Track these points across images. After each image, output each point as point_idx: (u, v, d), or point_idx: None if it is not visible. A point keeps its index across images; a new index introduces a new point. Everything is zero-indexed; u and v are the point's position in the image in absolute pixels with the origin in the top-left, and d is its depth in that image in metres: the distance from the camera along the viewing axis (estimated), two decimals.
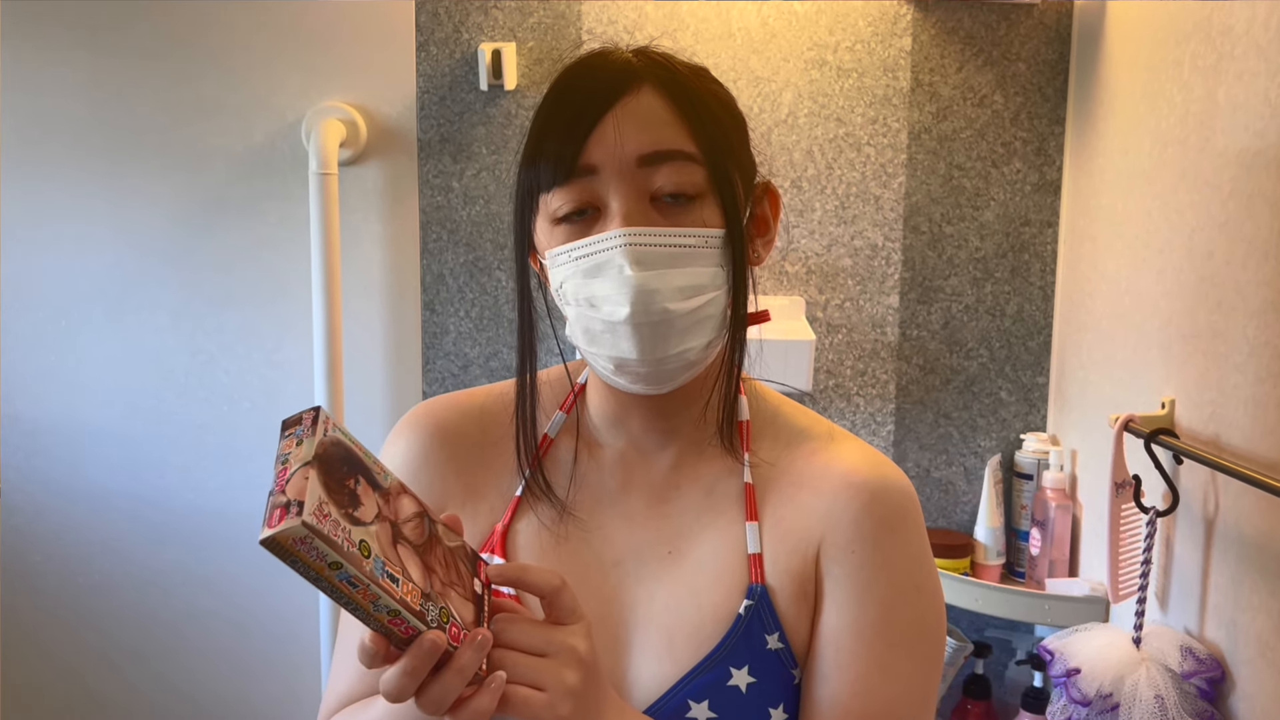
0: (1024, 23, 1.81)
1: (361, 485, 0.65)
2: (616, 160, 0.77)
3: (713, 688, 0.79)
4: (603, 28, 1.82)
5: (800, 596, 0.82)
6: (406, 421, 0.91)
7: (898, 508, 0.83)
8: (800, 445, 0.87)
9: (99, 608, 1.97)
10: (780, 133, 1.84)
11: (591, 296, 0.78)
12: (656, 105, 0.78)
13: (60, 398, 1.93)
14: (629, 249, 0.76)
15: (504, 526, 0.86)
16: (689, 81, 0.81)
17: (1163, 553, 1.40)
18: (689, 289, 0.77)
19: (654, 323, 0.76)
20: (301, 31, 1.84)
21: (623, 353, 0.78)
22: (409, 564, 0.65)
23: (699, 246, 0.78)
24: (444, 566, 0.69)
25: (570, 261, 0.78)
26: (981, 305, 1.88)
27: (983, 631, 1.86)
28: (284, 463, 0.63)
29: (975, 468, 1.90)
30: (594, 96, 0.78)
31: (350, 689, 0.87)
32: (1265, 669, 1.16)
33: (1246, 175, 1.21)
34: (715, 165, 0.79)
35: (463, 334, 1.92)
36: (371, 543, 0.63)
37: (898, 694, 0.80)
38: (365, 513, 0.64)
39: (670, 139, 0.78)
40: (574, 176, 0.77)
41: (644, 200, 0.77)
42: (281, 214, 1.88)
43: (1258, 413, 1.17)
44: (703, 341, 0.80)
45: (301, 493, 0.59)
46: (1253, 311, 1.18)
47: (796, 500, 0.84)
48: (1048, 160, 1.84)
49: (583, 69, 0.82)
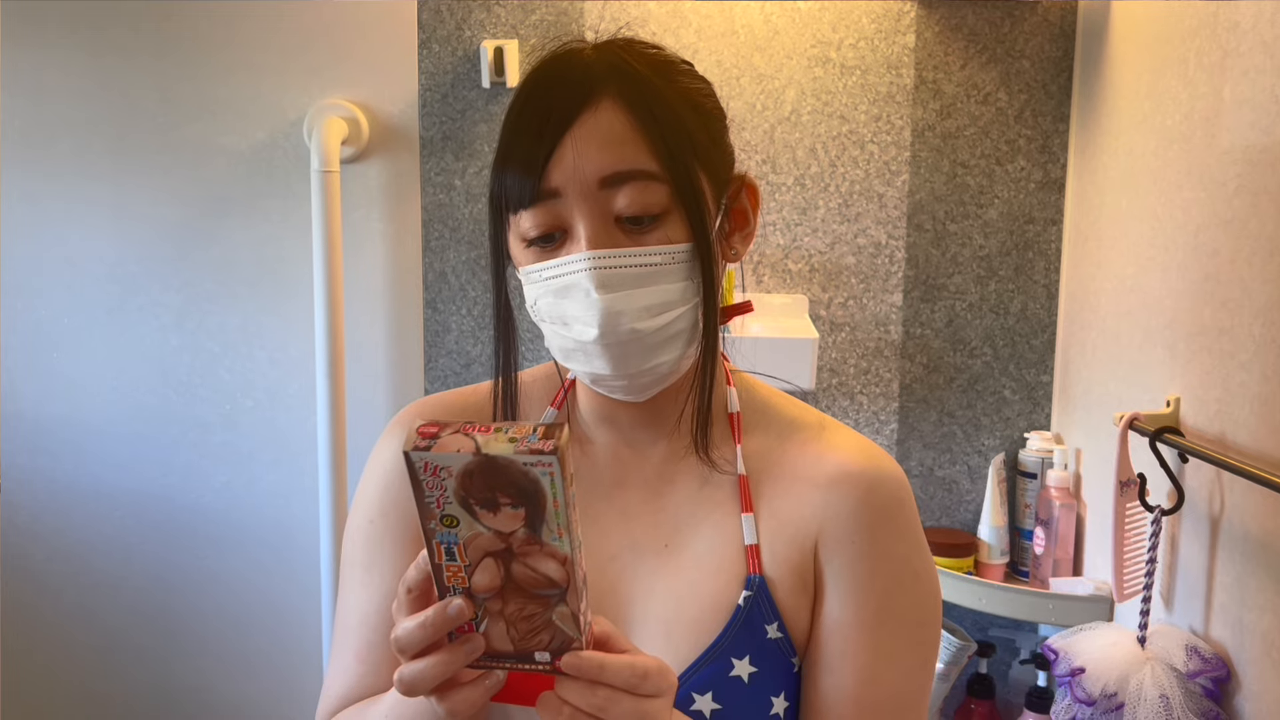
0: (1028, 20, 1.80)
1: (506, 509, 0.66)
2: (578, 183, 0.76)
3: (716, 679, 0.79)
4: (605, 25, 1.81)
5: (799, 587, 0.83)
6: (398, 423, 0.91)
7: (893, 498, 0.84)
8: (792, 436, 0.88)
9: (101, 606, 1.97)
10: (783, 130, 1.83)
11: (563, 315, 0.79)
12: (616, 121, 0.77)
13: (63, 396, 1.93)
14: (593, 273, 0.76)
15: None
16: (651, 86, 0.79)
17: (1168, 551, 1.40)
18: (656, 306, 0.78)
19: (623, 342, 0.77)
20: (304, 29, 1.84)
21: (596, 369, 0.79)
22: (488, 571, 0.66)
23: (665, 264, 0.78)
24: (518, 611, 0.67)
25: (541, 281, 0.79)
26: (985, 303, 1.87)
27: (986, 631, 1.86)
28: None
29: (979, 466, 1.90)
30: (552, 113, 0.77)
31: (348, 688, 0.87)
32: (1271, 668, 1.15)
33: (1252, 172, 1.20)
34: (678, 180, 0.78)
35: (464, 332, 1.91)
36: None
37: (901, 678, 0.82)
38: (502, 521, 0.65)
39: (630, 158, 0.77)
40: (538, 200, 0.77)
41: (608, 220, 0.77)
42: (283, 212, 1.88)
43: (1264, 411, 1.16)
44: (674, 355, 0.80)
45: (555, 435, 0.62)
46: (1259, 309, 1.18)
47: (792, 492, 0.85)
48: (1052, 158, 1.83)
49: (544, 78, 0.80)
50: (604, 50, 0.81)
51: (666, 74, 0.81)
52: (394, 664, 0.84)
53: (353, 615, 0.88)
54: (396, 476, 0.88)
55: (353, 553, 0.89)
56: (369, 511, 0.89)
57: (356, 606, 0.88)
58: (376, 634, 0.86)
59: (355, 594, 0.88)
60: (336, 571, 1.84)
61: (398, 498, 0.88)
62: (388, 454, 0.90)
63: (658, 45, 0.84)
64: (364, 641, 0.86)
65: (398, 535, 0.87)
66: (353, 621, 0.88)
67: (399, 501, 0.88)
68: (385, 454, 0.90)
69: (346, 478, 1.85)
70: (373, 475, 0.90)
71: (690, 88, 0.82)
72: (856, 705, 0.80)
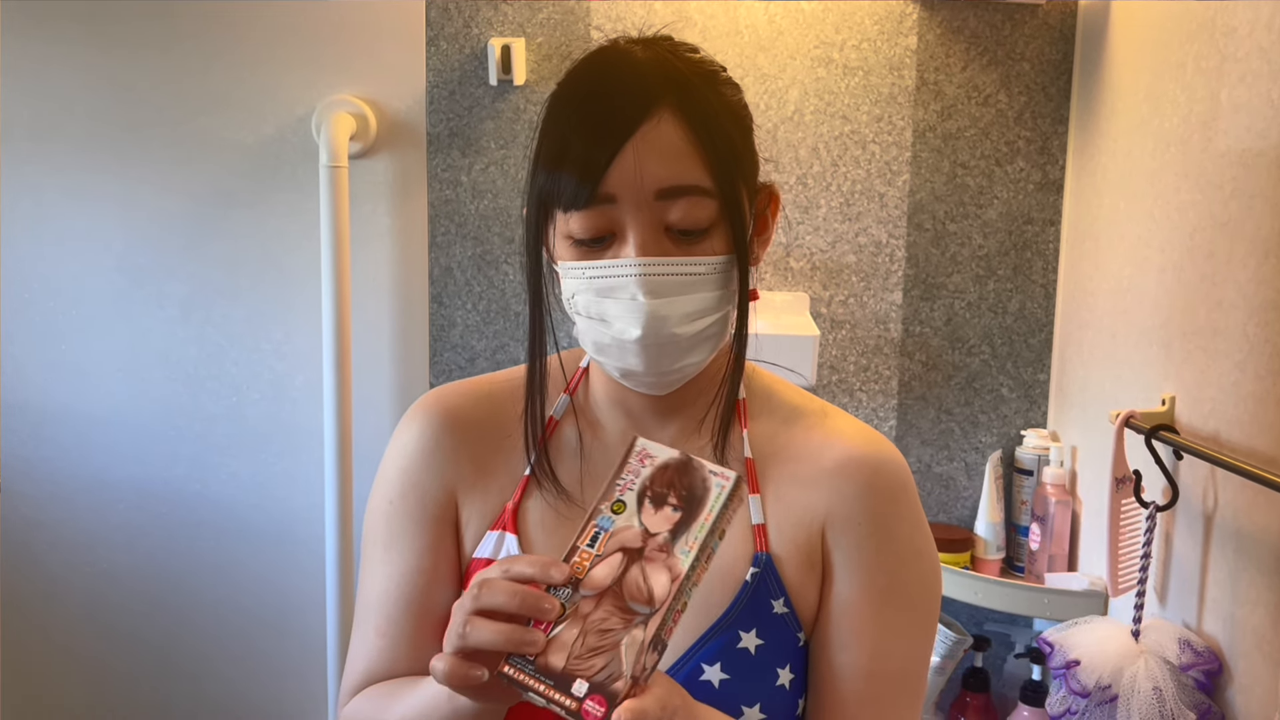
0: (1029, 23, 1.83)
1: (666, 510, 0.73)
2: (635, 192, 0.79)
3: (724, 650, 0.83)
4: (611, 24, 1.83)
5: (806, 566, 0.87)
6: (418, 408, 0.95)
7: (896, 480, 0.88)
8: (796, 422, 0.91)
9: (105, 596, 1.99)
10: (786, 130, 1.85)
11: (603, 314, 0.82)
12: (675, 136, 0.80)
13: (69, 388, 1.94)
14: (643, 279, 0.79)
15: (514, 505, 0.90)
16: (705, 100, 0.82)
17: (1162, 547, 1.42)
18: (695, 313, 0.82)
19: (661, 344, 0.81)
20: (312, 25, 1.86)
21: (630, 365, 0.83)
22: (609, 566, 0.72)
23: (708, 274, 0.82)
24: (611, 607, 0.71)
25: (584, 279, 0.82)
26: (984, 302, 1.89)
27: (982, 625, 1.88)
28: None
29: (976, 463, 1.92)
30: (614, 120, 0.79)
31: (371, 663, 0.90)
32: (1262, 662, 1.18)
33: (1248, 175, 1.22)
34: (727, 196, 0.82)
35: (470, 327, 1.93)
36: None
37: (908, 650, 0.87)
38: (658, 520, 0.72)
39: (687, 173, 0.80)
40: (593, 204, 0.79)
41: (659, 230, 0.80)
42: (291, 206, 1.89)
43: (1257, 409, 1.19)
44: (703, 357, 0.85)
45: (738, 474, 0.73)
46: (1252, 310, 1.20)
47: (798, 475, 0.88)
48: (1051, 159, 1.86)
49: (600, 80, 0.83)
50: (652, 50, 0.84)
51: (713, 84, 0.84)
52: (414, 638, 0.88)
53: (372, 592, 0.91)
54: (417, 459, 0.92)
55: (373, 532, 0.93)
56: (389, 493, 0.92)
57: (376, 584, 0.91)
58: (396, 608, 0.90)
59: (376, 571, 0.92)
60: (342, 562, 1.86)
61: (417, 480, 0.91)
62: (408, 437, 0.93)
63: (695, 47, 0.88)
64: (384, 617, 0.90)
65: (415, 516, 0.91)
66: (372, 598, 0.91)
67: (418, 483, 0.91)
68: (405, 437, 0.94)
69: (352, 469, 1.86)
70: (393, 458, 0.93)
71: (732, 100, 0.86)
72: (869, 679, 0.85)
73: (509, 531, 0.89)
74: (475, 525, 0.91)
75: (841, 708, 0.85)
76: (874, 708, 0.85)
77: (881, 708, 0.85)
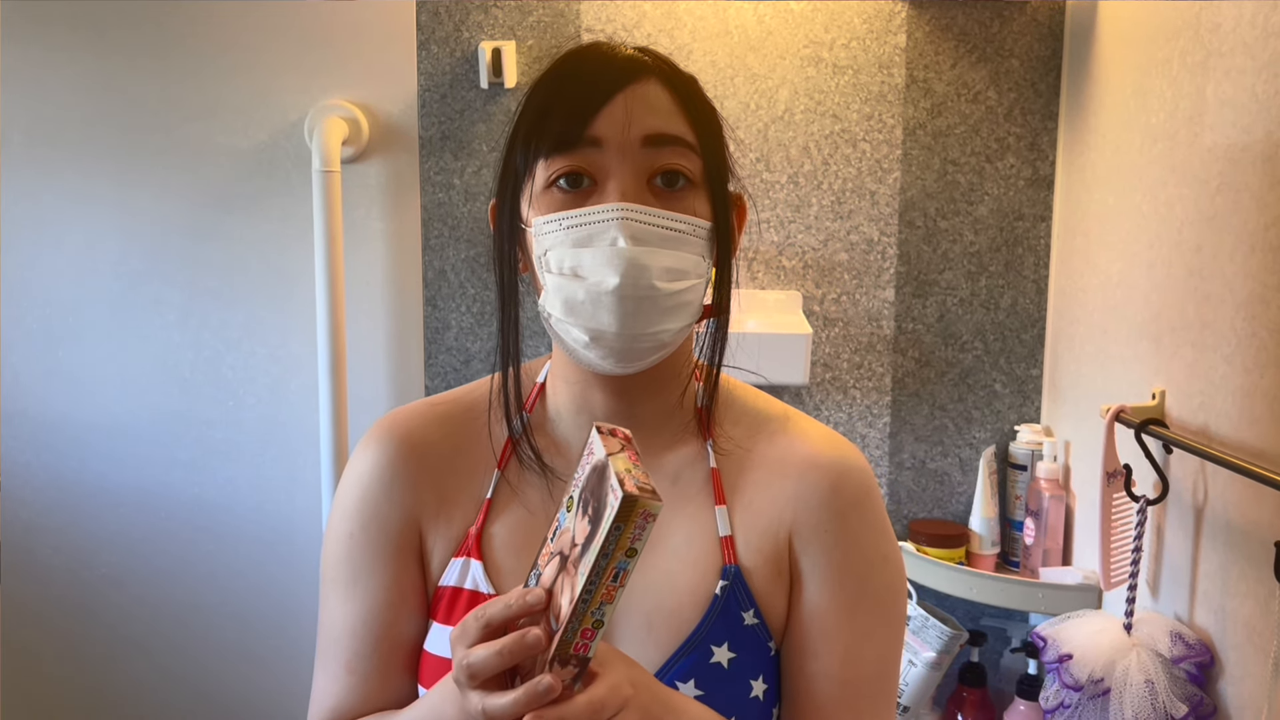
0: (1017, 20, 1.83)
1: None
2: (622, 136, 0.80)
3: (697, 667, 0.82)
4: (601, 25, 1.84)
5: (775, 575, 0.86)
6: (375, 434, 0.92)
7: (860, 486, 0.88)
8: (760, 428, 0.91)
9: (104, 602, 1.99)
10: (777, 129, 1.86)
11: (578, 266, 0.79)
12: (663, 96, 0.82)
13: (66, 394, 1.95)
14: (625, 223, 0.78)
15: (477, 530, 0.88)
16: (689, 80, 0.86)
17: (1153, 541, 1.43)
18: (675, 271, 0.80)
19: (639, 297, 0.78)
20: (304, 30, 1.86)
21: (601, 324, 0.79)
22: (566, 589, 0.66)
23: (688, 233, 0.81)
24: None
25: (560, 230, 0.80)
26: (976, 299, 1.90)
27: (978, 620, 1.89)
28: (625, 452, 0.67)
29: (970, 459, 1.93)
30: (604, 76, 0.81)
31: (339, 699, 0.88)
32: (1253, 654, 1.18)
33: (1234, 170, 1.23)
34: (711, 157, 0.83)
35: (464, 329, 1.94)
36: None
37: (878, 654, 0.87)
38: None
39: (675, 126, 0.82)
40: (579, 145, 0.80)
41: (642, 181, 0.80)
42: (284, 211, 1.90)
43: (1245, 402, 1.19)
44: (679, 325, 0.82)
45: (647, 497, 0.63)
46: (1240, 303, 1.21)
47: (763, 483, 0.88)
48: (1041, 155, 1.86)
49: (590, 54, 0.85)
50: (641, 49, 0.86)
51: (695, 82, 0.87)
52: (385, 672, 0.86)
53: (337, 627, 0.89)
54: (376, 488, 0.89)
55: (335, 565, 0.90)
56: (349, 525, 0.89)
57: (342, 619, 0.88)
58: (365, 644, 0.87)
59: (340, 607, 0.89)
60: None
61: (377, 510, 0.89)
62: (366, 465, 0.90)
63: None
64: (353, 653, 0.88)
65: (379, 548, 0.88)
66: (338, 633, 0.89)
67: (379, 514, 0.89)
68: (363, 465, 0.91)
69: None
70: (351, 486, 0.90)
71: (711, 102, 0.88)
72: (841, 684, 0.85)
73: (473, 558, 0.87)
74: (440, 552, 0.88)
75: (816, 714, 0.85)
76: (849, 713, 0.85)
77: (857, 712, 0.85)
